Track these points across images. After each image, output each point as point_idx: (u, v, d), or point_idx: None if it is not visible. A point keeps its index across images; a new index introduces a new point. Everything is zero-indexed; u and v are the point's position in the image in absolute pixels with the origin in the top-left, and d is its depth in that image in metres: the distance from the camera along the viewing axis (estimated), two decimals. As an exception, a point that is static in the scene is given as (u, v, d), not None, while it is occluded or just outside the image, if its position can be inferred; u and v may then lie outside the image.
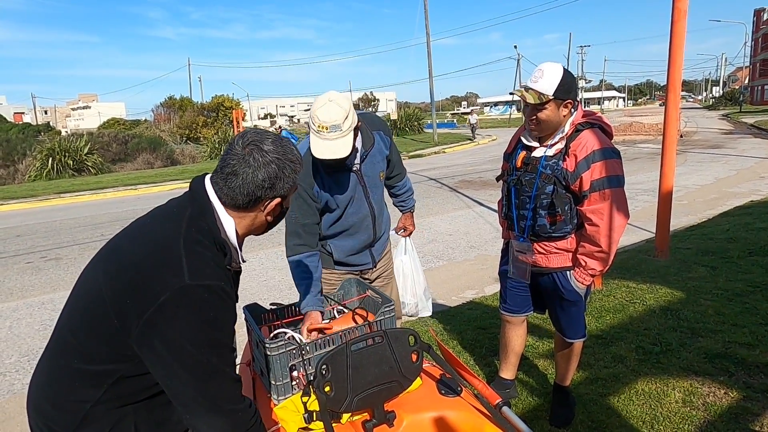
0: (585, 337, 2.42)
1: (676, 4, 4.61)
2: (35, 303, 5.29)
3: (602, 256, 2.12)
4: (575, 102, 2.13)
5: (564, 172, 2.10)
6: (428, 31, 24.71)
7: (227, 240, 1.24)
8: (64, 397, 1.21)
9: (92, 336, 1.18)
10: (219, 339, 1.17)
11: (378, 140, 2.31)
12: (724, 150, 15.39)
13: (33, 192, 15.06)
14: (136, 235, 1.25)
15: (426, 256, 6.10)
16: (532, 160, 2.21)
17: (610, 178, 2.05)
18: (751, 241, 5.22)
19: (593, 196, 2.07)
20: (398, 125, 31.79)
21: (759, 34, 54.92)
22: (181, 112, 33.22)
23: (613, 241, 2.09)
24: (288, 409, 1.56)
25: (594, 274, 2.18)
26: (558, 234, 2.19)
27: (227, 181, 1.22)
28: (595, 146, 2.06)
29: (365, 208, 2.32)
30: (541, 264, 2.31)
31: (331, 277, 2.42)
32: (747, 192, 8.80)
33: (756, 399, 2.54)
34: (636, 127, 25.38)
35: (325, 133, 1.95)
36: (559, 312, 2.39)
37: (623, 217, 2.08)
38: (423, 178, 13.13)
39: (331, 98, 1.98)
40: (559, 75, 2.04)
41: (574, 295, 2.28)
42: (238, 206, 1.25)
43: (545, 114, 2.08)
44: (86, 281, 1.25)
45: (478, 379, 1.64)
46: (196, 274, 1.14)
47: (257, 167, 1.21)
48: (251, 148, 1.22)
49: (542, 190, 2.16)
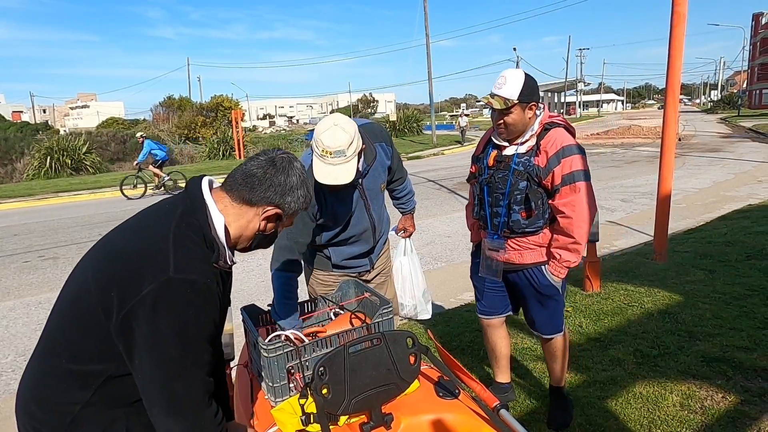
0: (562, 332, 2.45)
1: (675, 8, 4.62)
2: (32, 302, 5.28)
3: (576, 247, 2.20)
4: (539, 104, 2.23)
5: (536, 168, 2.19)
6: (428, 33, 24.75)
7: (216, 238, 1.23)
8: (53, 398, 1.20)
9: (79, 331, 1.17)
10: (195, 337, 1.15)
11: (380, 152, 2.28)
12: (722, 153, 15.43)
13: (31, 191, 15.02)
14: (127, 230, 1.26)
15: (425, 257, 6.09)
16: (504, 158, 2.28)
17: (579, 172, 2.15)
18: (749, 244, 5.23)
19: (564, 190, 2.16)
20: (397, 127, 31.79)
21: (757, 38, 55.11)
22: (180, 112, 33.16)
23: (585, 232, 2.18)
24: (285, 411, 1.55)
25: (569, 266, 2.24)
26: (532, 229, 2.26)
27: (247, 172, 1.27)
28: (564, 143, 2.17)
29: (366, 221, 2.32)
30: (515, 261, 2.34)
31: (328, 279, 2.41)
32: (745, 196, 8.82)
33: (753, 403, 2.54)
34: (635, 130, 25.45)
35: (329, 158, 1.92)
36: (536, 309, 2.40)
37: (592, 209, 2.19)
38: (422, 179, 13.14)
39: (336, 122, 1.94)
40: (522, 80, 2.14)
41: (551, 290, 2.32)
42: (244, 198, 1.26)
43: (512, 118, 2.17)
44: (76, 276, 1.25)
45: (476, 381, 1.63)
46: (182, 268, 1.14)
47: (281, 171, 1.27)
48: (283, 157, 1.30)
49: (516, 186, 2.22)
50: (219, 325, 1.25)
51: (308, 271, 2.48)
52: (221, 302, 1.25)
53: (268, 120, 67.27)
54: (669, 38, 4.69)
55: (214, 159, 24.01)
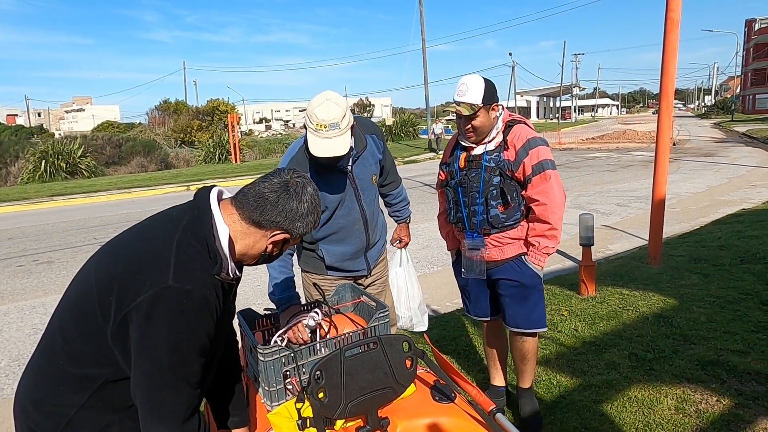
0: (545, 328, 2.51)
1: (669, 15, 4.66)
2: (26, 306, 5.24)
3: (553, 233, 2.26)
4: (498, 104, 2.31)
5: (506, 162, 2.26)
6: (424, 37, 24.82)
7: (220, 249, 1.23)
8: (49, 400, 1.20)
9: (79, 333, 1.18)
10: (186, 348, 1.15)
11: (371, 144, 2.31)
12: (716, 158, 15.53)
13: (25, 195, 14.95)
14: (132, 235, 1.26)
15: (421, 261, 6.10)
16: (475, 157, 2.34)
17: (546, 161, 2.23)
18: (743, 248, 5.26)
19: (535, 180, 2.23)
20: (394, 131, 31.88)
21: (750, 44, 55.56)
22: (176, 116, 33.12)
23: (559, 217, 2.25)
24: (281, 415, 1.55)
25: (548, 252, 2.30)
26: (510, 222, 2.32)
27: (259, 194, 1.25)
28: (529, 135, 2.27)
29: (356, 212, 2.31)
30: (496, 257, 2.38)
31: (323, 283, 2.39)
32: (738, 200, 8.87)
33: (748, 406, 2.55)
34: (629, 135, 25.58)
35: (324, 131, 1.97)
36: (518, 302, 2.42)
37: (563, 195, 2.27)
38: (418, 183, 13.16)
39: (328, 97, 2.00)
40: (482, 84, 2.22)
41: (534, 279, 2.37)
42: (253, 220, 1.25)
43: (479, 121, 2.24)
44: (80, 278, 1.25)
45: (472, 385, 1.64)
46: (181, 276, 1.14)
47: (294, 197, 1.26)
48: (297, 181, 1.28)
49: (490, 182, 2.29)
50: (214, 336, 1.24)
51: (304, 276, 2.48)
52: (219, 314, 1.24)
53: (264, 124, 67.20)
54: (663, 44, 4.74)
55: (210, 163, 23.98)
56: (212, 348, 1.25)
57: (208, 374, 1.34)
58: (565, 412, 2.63)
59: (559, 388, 2.86)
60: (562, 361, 3.15)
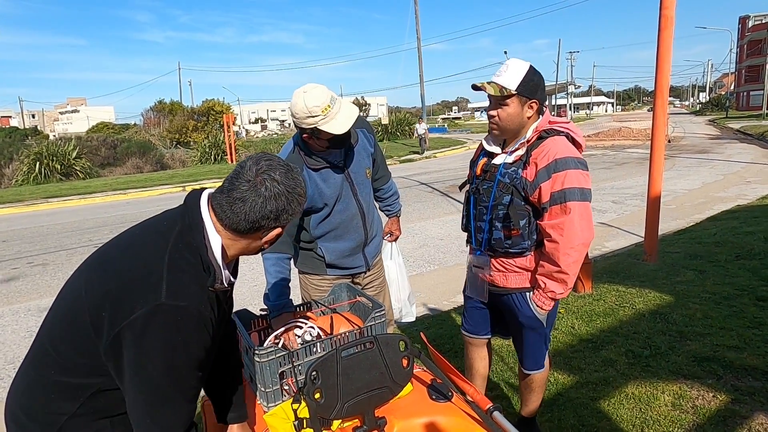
0: (542, 369, 2.21)
1: (663, 12, 4.67)
2: (21, 309, 5.21)
3: (562, 277, 1.92)
4: (541, 106, 1.97)
5: (523, 181, 1.93)
6: (419, 36, 24.85)
7: (213, 260, 1.20)
8: (40, 407, 1.19)
9: (70, 346, 1.16)
10: (182, 365, 1.14)
11: (362, 137, 2.33)
12: (711, 155, 15.59)
13: (20, 197, 14.88)
14: (124, 246, 1.23)
15: (417, 260, 6.10)
16: (491, 167, 2.05)
17: (572, 190, 1.86)
18: (738, 245, 5.29)
19: (553, 210, 1.89)
20: (389, 130, 31.86)
21: (744, 41, 55.82)
22: (171, 116, 33.03)
23: (573, 260, 1.89)
24: (278, 416, 1.55)
25: (554, 297, 1.98)
26: (515, 250, 2.01)
27: (233, 205, 1.18)
28: (558, 155, 1.88)
29: (353, 206, 2.32)
30: (499, 283, 2.11)
31: (322, 284, 2.39)
32: (733, 196, 8.91)
33: (744, 402, 2.56)
34: (625, 132, 25.67)
35: (331, 111, 2.00)
36: (518, 339, 2.20)
37: (586, 235, 1.89)
38: (414, 182, 13.16)
39: (305, 90, 2.02)
40: (524, 70, 1.90)
41: (534, 321, 2.08)
42: (239, 231, 1.21)
43: (506, 111, 1.93)
44: (70, 289, 1.23)
45: (469, 383, 1.63)
46: (174, 293, 1.12)
47: (267, 198, 1.17)
48: (263, 177, 1.18)
49: (499, 201, 1.99)
50: (210, 349, 1.23)
51: (302, 278, 2.47)
52: (214, 327, 1.22)
53: (260, 124, 67.00)
54: (657, 41, 4.74)
55: (205, 163, 23.90)
56: (208, 358, 1.24)
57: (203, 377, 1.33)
58: (562, 410, 2.63)
59: (556, 386, 2.86)
60: (558, 359, 3.16)
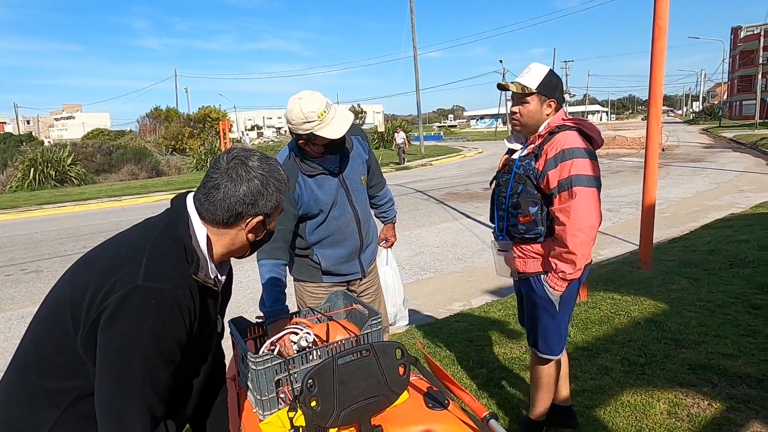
0: (557, 356, 2.28)
1: (656, 22, 4.73)
2: (14, 317, 5.17)
3: (570, 257, 2.04)
4: (559, 105, 2.16)
5: (535, 171, 2.12)
6: (415, 45, 24.99)
7: (197, 249, 1.19)
8: (22, 418, 1.15)
9: (51, 345, 1.14)
10: (153, 352, 1.08)
11: (356, 144, 2.35)
12: (704, 163, 15.72)
13: (14, 203, 14.80)
14: (109, 245, 1.24)
15: (413, 268, 6.10)
16: (510, 161, 2.28)
17: (578, 176, 2.01)
18: (732, 253, 5.32)
19: (562, 195, 2.04)
20: (385, 138, 31.93)
21: (736, 51, 56.45)
22: (167, 123, 33.04)
23: (581, 241, 2.00)
24: (274, 424, 1.54)
25: (565, 278, 2.09)
26: (531, 235, 2.18)
27: (208, 195, 1.19)
28: (566, 146, 2.05)
29: (349, 213, 2.33)
30: (520, 269, 2.28)
31: (317, 291, 2.39)
32: (727, 205, 8.97)
33: (739, 410, 2.57)
34: (619, 141, 25.81)
35: (326, 116, 2.03)
36: (533, 321, 2.30)
37: (592, 218, 2.01)
38: (410, 190, 13.18)
39: (301, 96, 2.04)
40: (544, 72, 2.11)
41: (547, 303, 2.20)
42: (219, 222, 1.21)
43: (527, 108, 2.13)
44: (55, 290, 1.22)
45: (466, 391, 1.63)
46: (151, 275, 1.09)
47: (239, 182, 1.18)
48: (235, 162, 1.20)
49: (515, 190, 2.19)
50: (187, 344, 1.17)
51: (297, 286, 2.47)
52: (194, 318, 1.18)
53: (257, 131, 67.05)
54: (651, 51, 4.79)
55: (201, 170, 23.86)
56: (185, 357, 1.19)
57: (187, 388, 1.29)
58: (559, 418, 2.62)
59: (552, 394, 2.86)
60: (554, 367, 3.16)
